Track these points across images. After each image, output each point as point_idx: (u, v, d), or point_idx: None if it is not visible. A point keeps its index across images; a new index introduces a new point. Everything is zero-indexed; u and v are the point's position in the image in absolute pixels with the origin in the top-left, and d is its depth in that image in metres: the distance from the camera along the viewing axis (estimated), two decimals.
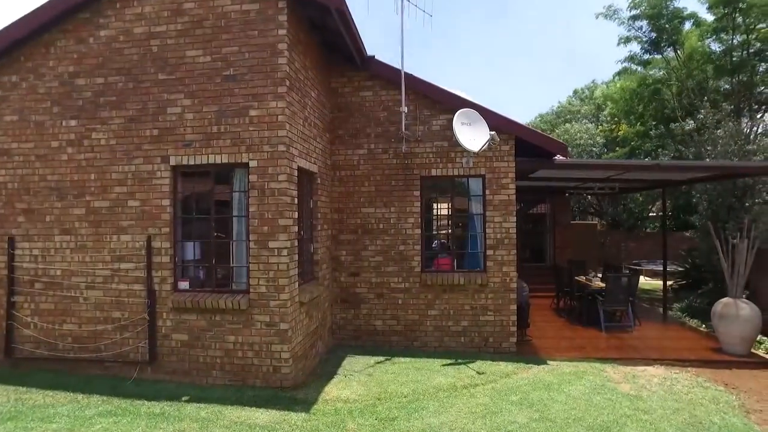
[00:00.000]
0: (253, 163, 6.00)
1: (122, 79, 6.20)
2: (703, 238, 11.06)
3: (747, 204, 10.32)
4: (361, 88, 8.24)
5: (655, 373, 7.05)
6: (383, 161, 8.14)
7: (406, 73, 7.85)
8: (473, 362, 7.31)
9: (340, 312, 8.23)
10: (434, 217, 8.57)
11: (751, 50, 13.15)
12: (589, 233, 16.31)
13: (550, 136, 8.01)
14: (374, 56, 7.96)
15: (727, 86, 14.04)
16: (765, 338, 8.40)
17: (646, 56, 14.94)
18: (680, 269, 13.77)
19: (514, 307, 7.82)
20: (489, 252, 7.85)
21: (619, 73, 16.13)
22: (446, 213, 8.37)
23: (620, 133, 17.12)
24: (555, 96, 63.39)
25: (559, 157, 8.07)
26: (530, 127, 7.88)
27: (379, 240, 8.12)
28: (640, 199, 18.09)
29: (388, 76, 8.02)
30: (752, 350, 8.03)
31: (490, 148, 7.78)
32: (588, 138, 18.48)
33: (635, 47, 14.88)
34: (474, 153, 7.34)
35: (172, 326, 6.14)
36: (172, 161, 6.14)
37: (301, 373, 6.38)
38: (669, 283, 12.45)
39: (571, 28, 63.54)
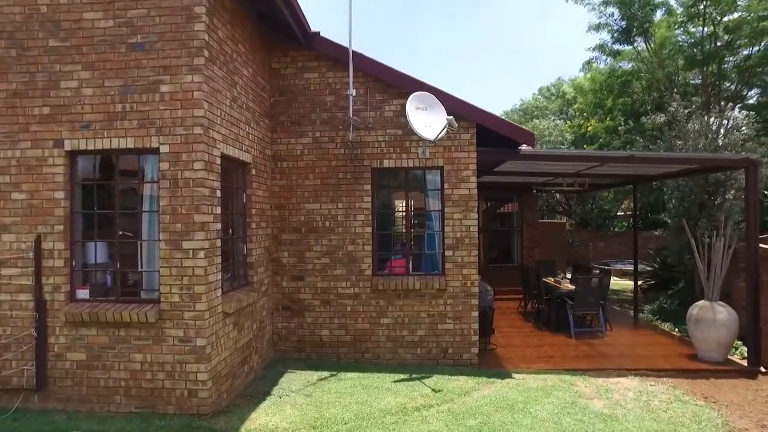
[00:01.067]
0: (164, 149, 5.03)
1: (2, 44, 5.13)
2: (674, 236, 10.54)
3: (718, 201, 9.83)
4: (305, 69, 7.33)
5: (629, 385, 6.37)
6: (330, 151, 7.25)
7: (354, 52, 6.98)
8: (429, 377, 6.49)
9: (282, 321, 7.31)
10: (387, 214, 7.71)
11: (719, 43, 12.80)
12: (558, 232, 15.76)
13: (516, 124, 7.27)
14: (319, 32, 7.07)
15: (696, 81, 13.69)
16: (739, 342, 7.85)
17: (617, 46, 14.45)
18: (649, 269, 13.33)
19: (475, 313, 7.04)
20: (448, 253, 7.04)
21: (588, 62, 15.64)
22: (401, 209, 7.54)
23: (589, 128, 16.69)
24: (517, 94, 63.27)
25: (525, 147, 7.33)
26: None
27: (326, 239, 7.23)
28: (610, 196, 17.70)
29: (336, 56, 7.15)
30: (728, 356, 7.46)
31: (449, 137, 6.99)
32: (557, 134, 17.99)
33: (605, 36, 14.42)
34: (430, 141, 6.53)
35: (66, 344, 5.11)
36: (68, 145, 5.11)
37: (225, 395, 5.44)
38: (638, 283, 11.94)
39: (533, 26, 63.95)
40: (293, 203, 7.30)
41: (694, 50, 13.03)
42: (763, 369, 7.11)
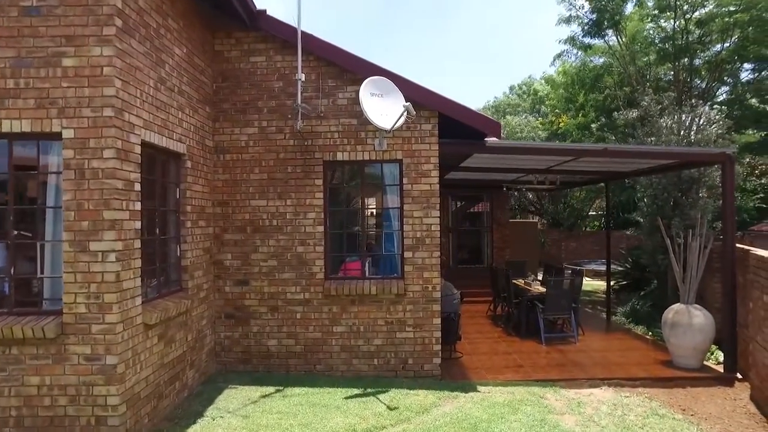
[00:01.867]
0: (67, 133, 4.28)
1: None
2: (648, 236, 10.16)
3: (690, 200, 9.46)
4: (251, 53, 6.64)
5: (603, 397, 5.86)
6: (278, 142, 6.57)
7: (304, 33, 6.32)
8: (386, 392, 5.86)
9: (225, 330, 6.59)
10: (341, 212, 7.05)
11: (691, 38, 12.56)
12: (530, 232, 15.33)
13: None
14: (265, 11, 6.39)
15: (668, 77, 13.43)
16: (714, 346, 7.45)
17: (587, 39, 14.08)
18: (620, 269, 13.00)
19: (437, 320, 6.44)
20: (407, 254, 6.43)
21: (559, 55, 15.26)
22: (356, 207, 6.88)
23: (561, 125, 16.37)
24: (490, 92, 63.25)
25: (492, 139, 6.77)
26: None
27: (273, 240, 6.54)
28: (582, 195, 17.41)
29: (285, 37, 6.48)
30: (704, 362, 7.05)
31: (408, 127, 6.39)
32: (530, 131, 17.62)
33: (576, 28, 14.05)
34: (387, 131, 5.90)
35: None
36: None
37: (146, 419, 4.70)
38: (610, 283, 11.55)
39: (504, 28, 64.25)
40: (237, 200, 6.59)
41: (666, 44, 12.77)
42: (739, 375, 6.71)
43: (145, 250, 4.84)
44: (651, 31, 13.03)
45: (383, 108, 5.92)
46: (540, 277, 10.99)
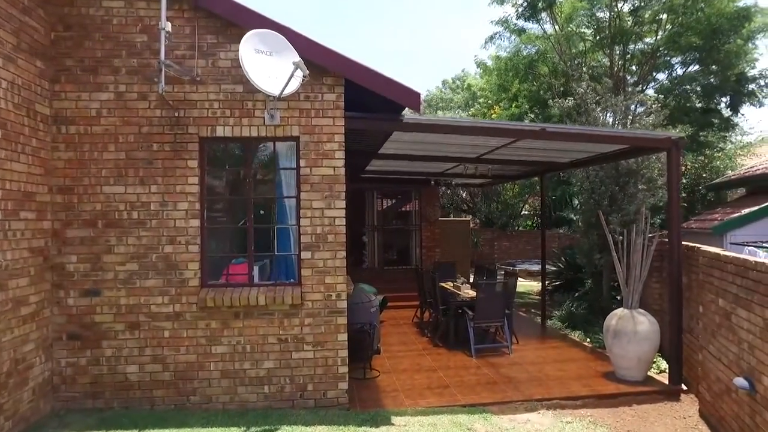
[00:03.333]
0: None
1: None
2: (584, 234, 9.44)
3: (628, 194, 8.79)
4: None
5: (541, 425, 4.87)
6: (140, 113, 5.11)
7: None
8: (275, 430, 4.56)
9: (68, 355, 5.04)
10: (223, 202, 5.67)
11: (625, 25, 12.14)
12: (461, 231, 14.43)
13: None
14: None
15: (604, 65, 12.99)
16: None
17: (521, 22, 13.39)
18: (554, 269, 12.35)
19: (343, 336, 5.19)
20: (305, 255, 5.14)
21: (491, 38, 14.48)
22: (242, 196, 5.51)
23: (494, 116, 15.70)
24: (423, 85, 63.28)
25: (410, 115, 5.62)
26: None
27: (133, 237, 5.07)
28: (516, 189, 16.82)
29: None
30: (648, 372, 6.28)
31: (307, 97, 5.14)
32: None
33: (510, 9, 13.31)
34: (275, 97, 4.61)
35: None
36: None
37: None
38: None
39: (438, 23, 64.60)
40: (85, 185, 5.06)
41: (601, 34, 12.33)
42: (684, 387, 5.98)
43: None
44: (585, 19, 12.54)
45: (272, 69, 4.63)
46: (471, 280, 10.06)
